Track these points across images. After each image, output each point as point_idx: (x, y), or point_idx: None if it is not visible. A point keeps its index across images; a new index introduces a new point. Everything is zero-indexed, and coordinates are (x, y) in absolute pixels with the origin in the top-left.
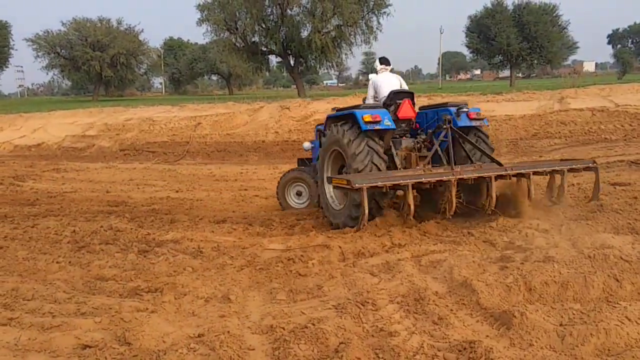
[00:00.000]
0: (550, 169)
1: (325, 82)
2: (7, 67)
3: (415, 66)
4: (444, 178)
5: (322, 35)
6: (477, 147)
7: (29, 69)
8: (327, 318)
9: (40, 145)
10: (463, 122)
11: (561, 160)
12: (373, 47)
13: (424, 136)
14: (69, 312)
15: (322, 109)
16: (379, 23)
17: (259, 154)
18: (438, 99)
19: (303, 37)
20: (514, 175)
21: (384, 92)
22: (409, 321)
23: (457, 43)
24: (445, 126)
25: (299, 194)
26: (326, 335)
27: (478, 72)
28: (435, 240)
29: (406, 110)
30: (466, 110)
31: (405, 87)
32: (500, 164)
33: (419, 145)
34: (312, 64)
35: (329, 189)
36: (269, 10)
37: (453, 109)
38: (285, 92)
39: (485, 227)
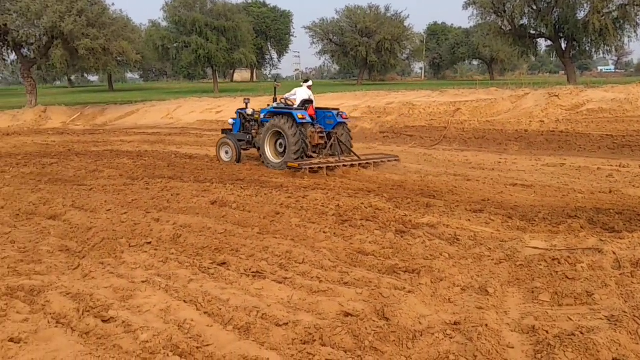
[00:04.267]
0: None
1: (599, 68)
2: (287, 52)
3: None
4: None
5: (602, 16)
6: (346, 145)
7: (304, 54)
8: (599, 329)
9: None
10: (339, 119)
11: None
12: None
13: (319, 126)
14: (333, 279)
15: (597, 97)
16: None
17: (520, 144)
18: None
19: (579, 18)
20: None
21: (299, 100)
22: None
23: None
24: (334, 135)
25: (226, 152)
26: (597, 348)
27: None
28: None
29: (310, 112)
30: (341, 112)
31: (312, 98)
32: (356, 155)
33: (317, 130)
34: (587, 48)
35: (269, 149)
36: None
37: (335, 112)
38: (553, 79)
39: None
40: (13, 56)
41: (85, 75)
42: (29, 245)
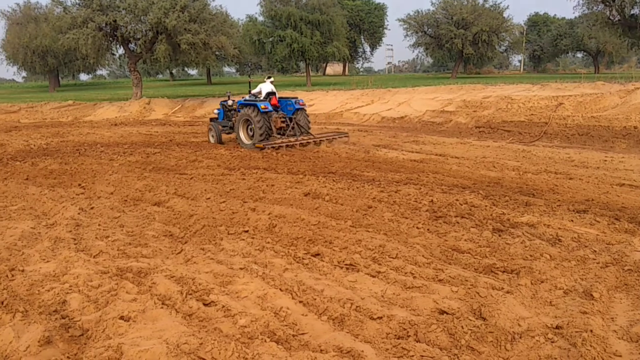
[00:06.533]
0: (321, 138)
1: None
2: (380, 45)
3: None
4: (293, 142)
5: None
6: (303, 127)
7: (397, 47)
8: None
9: (403, 118)
10: (297, 106)
11: (333, 131)
12: None
13: (282, 112)
14: (427, 276)
15: None
16: None
17: (629, 142)
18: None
19: None
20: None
21: (264, 92)
22: None
23: None
24: (292, 119)
25: (212, 135)
26: None
27: None
28: None
29: (274, 102)
30: (299, 99)
31: (274, 90)
32: (312, 135)
33: (280, 116)
34: None
35: (242, 133)
36: None
37: (294, 100)
38: None
39: None
40: (121, 50)
41: (186, 69)
42: (136, 230)
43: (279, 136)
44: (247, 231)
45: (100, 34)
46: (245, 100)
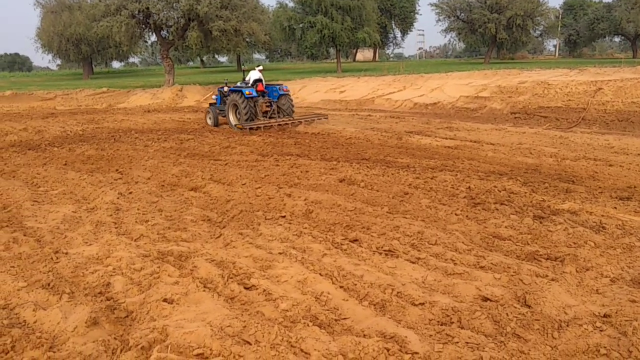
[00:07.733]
0: (300, 120)
1: None
2: (411, 31)
3: None
4: (273, 123)
5: None
6: (285, 110)
7: (428, 32)
8: None
9: (436, 104)
10: (281, 92)
11: (312, 114)
12: None
13: (267, 97)
14: (469, 263)
15: None
16: None
17: None
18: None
19: None
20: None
21: (252, 80)
22: None
23: None
24: (274, 103)
25: (210, 118)
26: None
27: None
28: None
29: (260, 88)
30: (283, 86)
31: (262, 77)
32: (292, 117)
33: (266, 101)
34: None
35: (231, 116)
36: None
37: (278, 86)
38: None
39: None
40: (153, 38)
41: (216, 56)
42: (174, 214)
43: (263, 118)
44: (284, 216)
45: (133, 21)
46: (235, 87)
